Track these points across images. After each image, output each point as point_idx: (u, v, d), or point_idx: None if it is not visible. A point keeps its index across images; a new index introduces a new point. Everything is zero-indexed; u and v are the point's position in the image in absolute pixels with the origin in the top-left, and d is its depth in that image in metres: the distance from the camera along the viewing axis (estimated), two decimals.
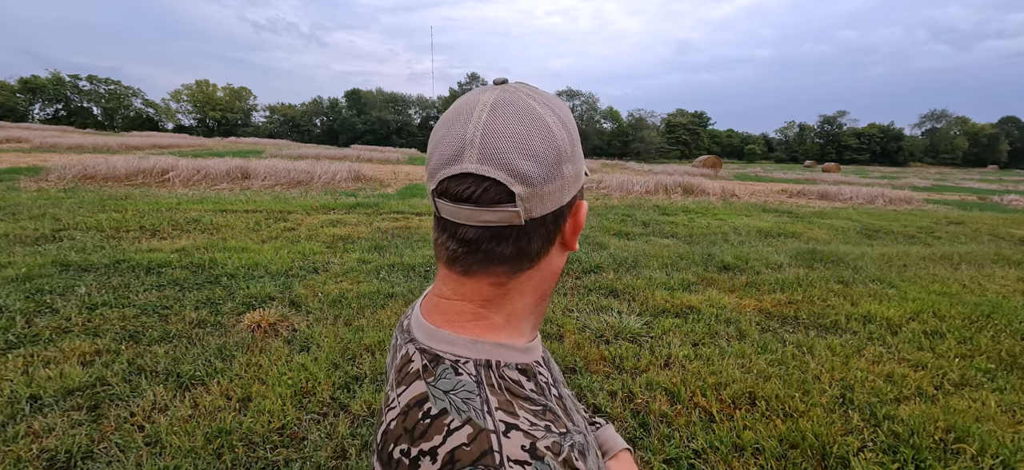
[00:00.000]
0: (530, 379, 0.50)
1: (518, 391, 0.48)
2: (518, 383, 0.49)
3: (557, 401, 0.51)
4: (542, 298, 0.54)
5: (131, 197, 7.89)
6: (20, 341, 2.74)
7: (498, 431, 0.43)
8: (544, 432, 0.45)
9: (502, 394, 0.46)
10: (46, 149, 18.36)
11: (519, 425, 0.44)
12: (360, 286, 3.92)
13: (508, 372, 0.49)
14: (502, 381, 0.48)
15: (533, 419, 0.46)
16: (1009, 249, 7.02)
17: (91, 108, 72.67)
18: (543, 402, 0.49)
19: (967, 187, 24.26)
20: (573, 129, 0.49)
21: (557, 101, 0.49)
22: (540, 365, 0.54)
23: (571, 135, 0.48)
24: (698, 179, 14.74)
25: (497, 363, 0.49)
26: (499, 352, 0.50)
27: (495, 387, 0.47)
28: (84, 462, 1.85)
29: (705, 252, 5.67)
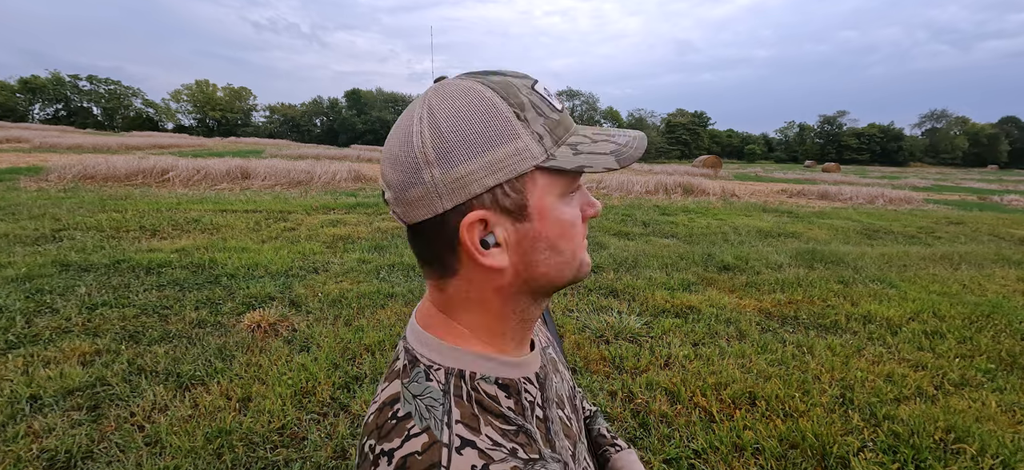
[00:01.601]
0: (511, 396, 0.48)
1: (491, 406, 0.46)
2: (494, 398, 0.47)
3: (539, 423, 0.49)
4: (499, 317, 0.49)
5: (131, 197, 7.89)
6: (20, 341, 2.74)
7: (451, 446, 0.41)
8: (505, 455, 0.43)
9: (469, 407, 0.45)
10: (46, 149, 18.37)
11: (477, 443, 0.42)
12: (360, 286, 3.92)
13: (484, 385, 0.47)
14: (474, 393, 0.46)
15: (499, 438, 0.44)
16: (1009, 249, 7.02)
17: (91, 108, 72.71)
18: (520, 423, 0.47)
19: (967, 187, 24.26)
20: (454, 133, 0.42)
21: (456, 98, 0.43)
22: (530, 382, 0.51)
23: (445, 140, 0.42)
24: (698, 179, 14.74)
25: (472, 374, 0.47)
26: (477, 363, 0.48)
27: (463, 399, 0.45)
28: (84, 462, 1.85)
29: (705, 252, 5.67)
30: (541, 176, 0.43)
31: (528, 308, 0.50)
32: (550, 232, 0.45)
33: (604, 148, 0.45)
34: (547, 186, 0.44)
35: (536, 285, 0.48)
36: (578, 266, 0.49)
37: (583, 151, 0.44)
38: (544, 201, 0.44)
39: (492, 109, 0.42)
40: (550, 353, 0.63)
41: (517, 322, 0.50)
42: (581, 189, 0.50)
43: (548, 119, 0.44)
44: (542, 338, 0.63)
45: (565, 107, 0.48)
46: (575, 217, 0.47)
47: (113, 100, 73.36)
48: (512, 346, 0.51)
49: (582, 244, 0.50)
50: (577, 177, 0.46)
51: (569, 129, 0.46)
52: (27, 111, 66.60)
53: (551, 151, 0.43)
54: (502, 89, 0.43)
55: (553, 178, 0.44)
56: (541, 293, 0.49)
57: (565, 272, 0.48)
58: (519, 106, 0.43)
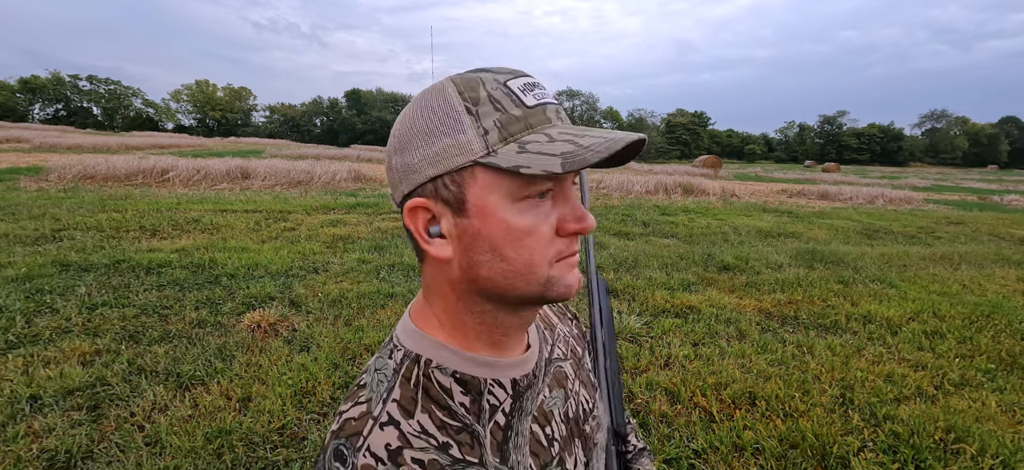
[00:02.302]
0: (469, 393, 0.47)
1: (438, 396, 0.46)
2: (446, 390, 0.47)
3: (496, 429, 0.48)
4: (455, 312, 0.48)
5: (131, 197, 7.90)
6: (20, 341, 2.74)
7: (378, 420, 0.43)
8: (427, 446, 0.43)
9: (411, 391, 0.46)
10: (46, 149, 18.37)
11: (401, 425, 0.43)
12: (360, 286, 3.92)
13: (438, 375, 0.47)
14: (424, 380, 0.47)
15: (432, 429, 0.44)
16: (1009, 249, 7.02)
17: (91, 108, 72.74)
18: (467, 421, 0.46)
19: (967, 187, 24.26)
20: (411, 125, 0.44)
21: (426, 94, 0.45)
22: (500, 385, 0.49)
23: (404, 130, 0.44)
24: (698, 179, 14.75)
25: (428, 361, 0.47)
26: (437, 352, 0.48)
27: (409, 382, 0.46)
28: (84, 462, 1.85)
29: (705, 252, 5.67)
30: (482, 173, 0.42)
31: (490, 312, 0.47)
32: (492, 233, 0.42)
33: (556, 149, 0.40)
34: (489, 184, 0.42)
35: (482, 288, 0.45)
36: (543, 282, 0.44)
37: (531, 151, 0.40)
38: (486, 200, 0.42)
39: (445, 103, 0.42)
40: (562, 367, 0.60)
41: (477, 322, 0.48)
42: (564, 198, 0.44)
43: (505, 115, 0.42)
44: (558, 349, 0.61)
45: (543, 104, 0.44)
46: (532, 225, 0.42)
47: (113, 100, 73.38)
48: (480, 345, 0.49)
49: (546, 258, 0.44)
50: (528, 180, 0.41)
51: (532, 126, 0.42)
52: (27, 111, 66.62)
53: (493, 147, 0.41)
54: (464, 84, 0.43)
55: (497, 177, 0.41)
56: (496, 299, 0.46)
57: (516, 284, 0.44)
58: (473, 100, 0.42)
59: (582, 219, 0.44)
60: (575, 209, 0.44)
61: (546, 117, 0.43)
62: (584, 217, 0.44)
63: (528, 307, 0.49)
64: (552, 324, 0.65)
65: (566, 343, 0.65)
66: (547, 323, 0.64)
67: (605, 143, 0.40)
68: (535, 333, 0.58)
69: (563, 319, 0.69)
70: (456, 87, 0.43)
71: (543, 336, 0.60)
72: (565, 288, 0.45)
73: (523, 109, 0.42)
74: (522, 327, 0.51)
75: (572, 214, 0.44)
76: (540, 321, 0.62)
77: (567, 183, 0.45)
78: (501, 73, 0.44)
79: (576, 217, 0.44)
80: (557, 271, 0.44)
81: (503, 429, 0.48)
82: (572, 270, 0.46)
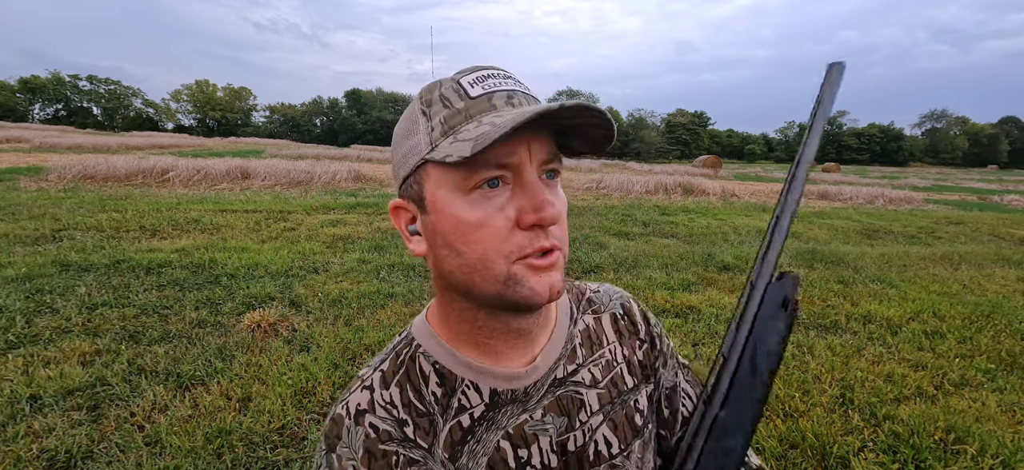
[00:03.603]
0: (442, 385, 0.48)
1: (415, 379, 0.49)
2: (423, 375, 0.49)
3: (456, 429, 0.47)
4: (442, 305, 0.50)
5: (131, 197, 7.89)
6: (20, 341, 2.74)
7: (362, 382, 0.50)
8: (387, 417, 0.47)
9: (395, 366, 0.50)
10: (46, 149, 18.37)
11: (374, 392, 0.48)
12: (360, 286, 3.92)
13: (422, 360, 0.50)
14: (409, 361, 0.50)
15: (399, 403, 0.48)
16: (1009, 249, 7.02)
17: (91, 108, 72.74)
18: (430, 411, 0.48)
19: (967, 187, 24.26)
20: (396, 131, 0.48)
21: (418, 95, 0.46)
22: (475, 389, 0.48)
23: (395, 137, 0.48)
24: (698, 179, 14.75)
25: (418, 346, 0.51)
26: (428, 341, 0.51)
27: (397, 358, 0.51)
28: (84, 462, 1.85)
29: (705, 252, 5.67)
30: (433, 169, 0.43)
31: (469, 310, 0.47)
32: (445, 227, 0.43)
33: (476, 133, 0.38)
34: (438, 179, 0.42)
35: (453, 283, 0.45)
36: (501, 281, 0.42)
37: (460, 139, 0.39)
38: (436, 194, 0.43)
39: (410, 111, 0.46)
40: (579, 394, 0.53)
41: (458, 320, 0.49)
42: (523, 188, 0.41)
43: (451, 110, 0.42)
44: (586, 373, 0.54)
45: (489, 93, 0.42)
46: (482, 218, 0.41)
47: (113, 100, 73.39)
48: (464, 344, 0.49)
49: (502, 253, 0.41)
50: (472, 169, 0.40)
51: (472, 116, 0.41)
52: (27, 111, 66.63)
53: (435, 143, 0.41)
54: (425, 90, 0.45)
55: (444, 170, 0.42)
56: (473, 298, 0.45)
57: (474, 279, 0.43)
58: (428, 103, 0.44)
59: (540, 208, 0.40)
60: (533, 198, 0.41)
61: (491, 104, 0.42)
62: (542, 207, 0.40)
63: (503, 310, 0.46)
64: (602, 340, 0.57)
65: (608, 368, 0.56)
66: (594, 338, 0.57)
67: (513, 117, 0.37)
68: (554, 350, 0.53)
69: (625, 338, 0.59)
70: (419, 94, 0.45)
71: (571, 353, 0.54)
72: (529, 292, 0.42)
73: (466, 101, 0.42)
74: (512, 334, 0.48)
75: (529, 204, 0.41)
76: (582, 335, 0.56)
77: (525, 171, 0.41)
78: (464, 72, 0.44)
79: (533, 207, 0.41)
80: (519, 271, 0.42)
81: (464, 431, 0.48)
82: (539, 273, 0.42)
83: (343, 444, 0.46)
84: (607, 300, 0.62)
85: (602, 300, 0.61)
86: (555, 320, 0.55)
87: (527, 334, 0.50)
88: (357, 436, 0.46)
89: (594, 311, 0.59)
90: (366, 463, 0.45)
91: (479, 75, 0.44)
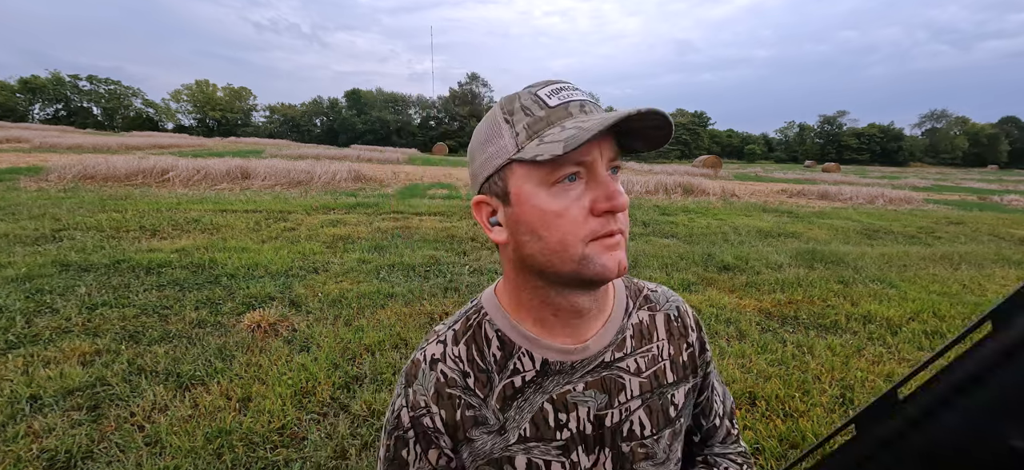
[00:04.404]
0: (503, 349, 0.58)
1: (478, 340, 0.59)
2: (486, 339, 0.59)
3: (508, 387, 0.57)
4: (515, 287, 0.57)
5: (131, 197, 7.89)
6: (20, 341, 2.74)
7: (438, 337, 0.61)
8: (456, 370, 0.58)
9: (465, 328, 0.61)
10: (46, 149, 18.36)
11: (446, 345, 0.59)
12: (360, 286, 3.92)
13: (487, 326, 0.59)
14: (477, 326, 0.60)
15: (463, 357, 0.59)
16: (1009, 249, 7.02)
17: (91, 108, 72.71)
18: (489, 368, 0.58)
19: (967, 187, 24.25)
20: (475, 139, 0.55)
21: (486, 116, 0.55)
22: (530, 357, 0.57)
23: (472, 144, 0.56)
24: (698, 179, 14.74)
25: (485, 313, 0.60)
26: (494, 311, 0.60)
27: (468, 321, 0.61)
28: (84, 462, 1.85)
29: (705, 252, 5.67)
30: (518, 167, 0.50)
31: (541, 288, 0.55)
32: (529, 217, 0.50)
33: (563, 135, 0.46)
34: (524, 175, 0.50)
35: (533, 265, 0.53)
36: (577, 260, 0.49)
37: (547, 141, 0.47)
38: (522, 189, 0.50)
39: (492, 119, 0.53)
40: (622, 379, 0.59)
41: (529, 297, 0.56)
42: (596, 181, 0.49)
43: (533, 118, 0.50)
44: (633, 361, 0.60)
45: (566, 103, 0.50)
46: (563, 207, 0.48)
47: (113, 100, 73.36)
48: (528, 318, 0.58)
49: (579, 237, 0.49)
50: (556, 166, 0.48)
51: (553, 122, 0.49)
52: (27, 111, 66.58)
53: (522, 145, 0.49)
54: (505, 101, 0.52)
55: (529, 168, 0.49)
56: (547, 276, 0.53)
57: (554, 261, 0.50)
58: (510, 112, 0.51)
59: (612, 198, 0.49)
60: (606, 189, 0.49)
61: (568, 112, 0.49)
62: (613, 196, 0.49)
63: (574, 289, 0.54)
64: (652, 336, 0.64)
65: (653, 362, 0.62)
66: (645, 333, 0.63)
67: (599, 122, 0.45)
68: (606, 336, 0.60)
69: (674, 339, 0.66)
70: (499, 105, 0.53)
71: (621, 342, 0.61)
72: (601, 267, 0.50)
73: (546, 110, 0.50)
74: (573, 313, 0.56)
75: (603, 194, 0.49)
76: (634, 328, 0.62)
77: (598, 168, 0.49)
78: (537, 85, 0.52)
79: (606, 197, 0.49)
80: (592, 250, 0.49)
81: (515, 390, 0.57)
82: (609, 251, 0.50)
83: (419, 382, 0.58)
84: (664, 301, 0.69)
85: (659, 300, 0.68)
86: (611, 310, 0.62)
87: (586, 314, 0.57)
88: (430, 378, 0.58)
89: (650, 308, 0.66)
90: (435, 400, 0.57)
91: (554, 87, 0.52)
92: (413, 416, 0.57)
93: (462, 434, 0.57)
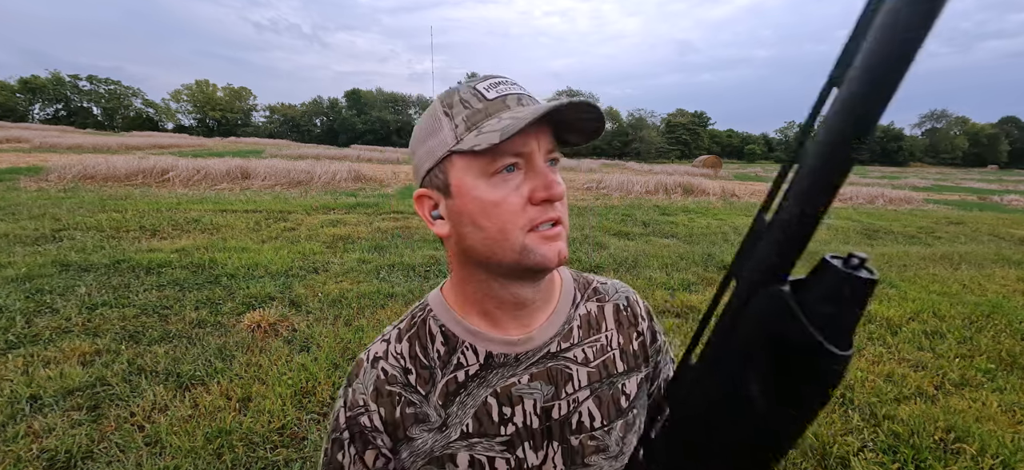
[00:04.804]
0: (447, 345, 0.58)
1: (422, 337, 0.59)
2: (430, 334, 0.59)
3: (451, 382, 0.56)
4: (461, 281, 0.57)
5: (131, 197, 7.90)
6: (20, 341, 2.74)
7: (383, 336, 0.61)
8: (397, 367, 0.57)
9: (410, 325, 0.60)
10: (46, 149, 18.37)
11: (389, 344, 0.59)
12: (360, 286, 3.92)
13: (431, 322, 0.59)
14: (420, 322, 0.60)
15: (406, 354, 0.58)
16: (1009, 249, 7.02)
17: (91, 108, 72.73)
18: (431, 365, 0.57)
19: (967, 187, 24.26)
20: (415, 133, 0.56)
21: (426, 111, 0.56)
22: (473, 351, 0.57)
23: (415, 136, 0.56)
24: (698, 179, 14.75)
25: (430, 310, 0.60)
26: (439, 307, 0.60)
27: (413, 319, 0.61)
28: (84, 462, 1.85)
29: (705, 252, 5.67)
30: (458, 158, 0.50)
31: (484, 281, 0.55)
32: (469, 207, 0.50)
33: (499, 126, 0.47)
34: (464, 167, 0.50)
35: (474, 256, 0.53)
36: (518, 250, 0.50)
37: (484, 131, 0.48)
38: (462, 180, 0.50)
39: (432, 113, 0.54)
40: (569, 370, 0.58)
41: (474, 290, 0.57)
42: (534, 171, 0.50)
43: (471, 110, 0.50)
44: (580, 351, 0.59)
45: (503, 95, 0.51)
46: (501, 197, 0.49)
47: (113, 100, 73.38)
48: (473, 312, 0.58)
49: (518, 225, 0.49)
50: (494, 157, 0.48)
51: (491, 114, 0.50)
52: (27, 111, 66.61)
53: (461, 137, 0.50)
54: (445, 96, 0.53)
55: (468, 159, 0.50)
56: (490, 268, 0.53)
57: (495, 250, 0.51)
58: (449, 105, 0.52)
59: (549, 187, 0.49)
60: (544, 178, 0.50)
61: (505, 105, 0.50)
62: (551, 185, 0.50)
63: (516, 280, 0.55)
64: (601, 326, 0.63)
65: (602, 351, 0.61)
66: (593, 323, 0.63)
67: (532, 112, 0.46)
68: (552, 327, 0.59)
69: (623, 328, 0.64)
70: (439, 100, 0.54)
71: (567, 333, 0.60)
72: (541, 257, 0.51)
73: (484, 103, 0.50)
74: (516, 305, 0.56)
75: (541, 183, 0.50)
76: (581, 319, 0.62)
77: (536, 158, 0.50)
78: (476, 79, 0.53)
79: (544, 186, 0.50)
80: (531, 241, 0.50)
81: (458, 385, 0.57)
82: (549, 242, 0.51)
83: (359, 381, 0.57)
84: (613, 292, 0.68)
85: (608, 291, 0.67)
86: (557, 301, 0.62)
87: (530, 305, 0.57)
88: (370, 376, 0.57)
89: (598, 300, 0.65)
90: (374, 398, 0.56)
91: (492, 82, 0.52)
92: (350, 416, 0.56)
93: (402, 433, 0.55)
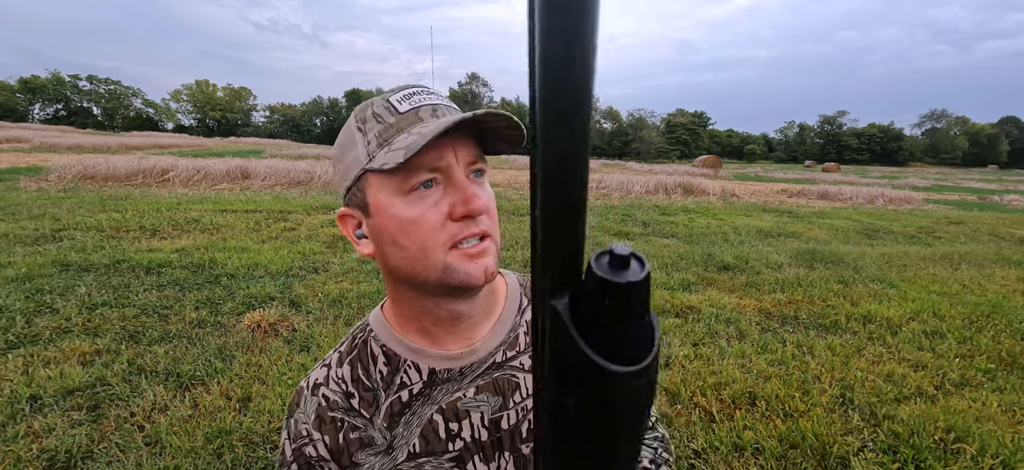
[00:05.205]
0: (389, 364, 0.56)
1: (364, 358, 0.57)
2: (372, 356, 0.57)
3: (396, 402, 0.54)
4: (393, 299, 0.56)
5: (131, 197, 7.89)
6: (20, 341, 2.74)
7: (324, 361, 0.59)
8: (339, 392, 0.55)
9: (351, 347, 0.58)
10: (46, 149, 18.37)
11: (330, 369, 0.57)
12: (360, 286, 3.92)
13: (372, 343, 0.57)
14: (362, 344, 0.58)
15: (347, 378, 0.56)
16: (1009, 249, 7.02)
17: (91, 108, 72.75)
18: (374, 386, 0.55)
19: (967, 187, 24.25)
20: (335, 149, 0.53)
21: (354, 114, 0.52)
22: (416, 369, 0.55)
23: (334, 154, 0.53)
24: (698, 179, 14.74)
25: (370, 330, 0.58)
26: (380, 327, 0.58)
27: (354, 341, 0.58)
28: (84, 462, 1.85)
29: (705, 252, 5.67)
30: (373, 177, 0.49)
31: (416, 298, 0.53)
32: (388, 226, 0.49)
33: (406, 143, 0.45)
34: (379, 185, 0.49)
35: (399, 275, 0.52)
36: (440, 268, 0.48)
37: (394, 148, 0.46)
38: (379, 198, 0.49)
39: (347, 128, 0.51)
40: (516, 379, 0.57)
41: (408, 308, 0.55)
42: (454, 186, 0.48)
43: (384, 125, 0.48)
44: (526, 360, 0.58)
45: (416, 108, 0.49)
46: (418, 214, 0.47)
47: (113, 100, 73.41)
48: (412, 330, 0.56)
49: (438, 242, 0.47)
50: (408, 174, 0.46)
51: (402, 129, 0.48)
52: (27, 111, 66.64)
53: (372, 154, 0.48)
54: (359, 110, 0.51)
55: (382, 177, 0.48)
56: (417, 286, 0.51)
57: (417, 269, 0.49)
58: (362, 121, 0.50)
59: (468, 201, 0.47)
60: (463, 193, 0.48)
61: (418, 117, 0.48)
62: (470, 199, 0.47)
63: (446, 297, 0.52)
64: None
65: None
66: None
67: (435, 127, 0.44)
68: (496, 337, 0.57)
69: None
70: (354, 113, 0.51)
71: (513, 341, 0.58)
72: (465, 276, 0.48)
73: (396, 116, 0.48)
74: (453, 320, 0.54)
75: (460, 198, 0.48)
76: (528, 325, 0.58)
77: (454, 172, 0.48)
78: (392, 91, 0.51)
79: (463, 201, 0.47)
80: (453, 259, 0.48)
81: (403, 405, 0.55)
82: (472, 259, 0.48)
83: (300, 410, 0.55)
84: None
85: None
86: (501, 310, 0.60)
87: (467, 319, 0.55)
88: (311, 404, 0.55)
89: None
90: (317, 426, 0.54)
91: (406, 93, 0.50)
92: (295, 448, 0.54)
93: (348, 459, 0.53)
